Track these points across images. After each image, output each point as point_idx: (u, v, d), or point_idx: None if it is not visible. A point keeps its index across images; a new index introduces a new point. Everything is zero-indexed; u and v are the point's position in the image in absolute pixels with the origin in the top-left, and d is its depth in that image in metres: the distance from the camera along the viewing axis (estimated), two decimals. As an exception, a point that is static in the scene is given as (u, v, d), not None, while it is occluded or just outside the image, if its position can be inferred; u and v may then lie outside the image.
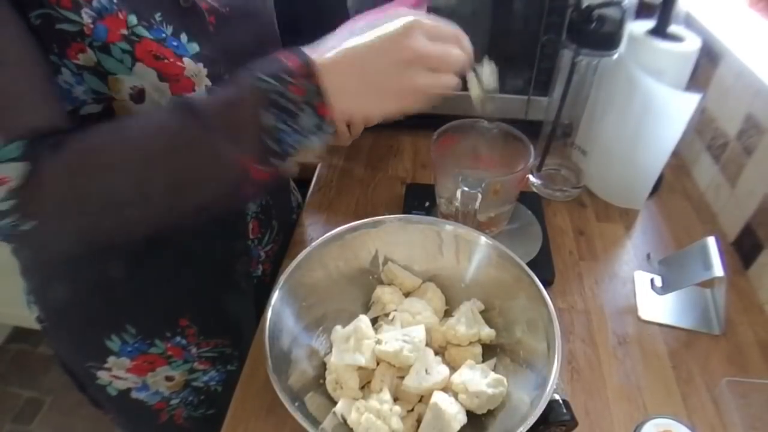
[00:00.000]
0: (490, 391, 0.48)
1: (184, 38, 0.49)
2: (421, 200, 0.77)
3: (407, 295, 0.59)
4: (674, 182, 0.85)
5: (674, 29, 0.70)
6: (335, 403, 0.49)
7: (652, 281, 0.66)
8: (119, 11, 0.44)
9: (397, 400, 0.50)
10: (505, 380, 0.49)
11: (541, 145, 0.79)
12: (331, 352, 0.52)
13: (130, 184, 0.43)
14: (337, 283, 0.57)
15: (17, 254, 0.61)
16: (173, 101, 0.46)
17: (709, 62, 0.81)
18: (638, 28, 0.71)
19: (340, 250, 0.57)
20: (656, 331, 0.63)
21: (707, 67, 0.82)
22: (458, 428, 0.47)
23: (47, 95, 0.42)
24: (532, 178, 0.83)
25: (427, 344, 0.52)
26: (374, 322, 0.56)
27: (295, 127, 0.44)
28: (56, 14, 0.41)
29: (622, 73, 0.71)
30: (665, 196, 0.83)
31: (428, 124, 0.68)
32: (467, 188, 0.58)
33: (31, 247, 0.44)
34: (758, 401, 0.55)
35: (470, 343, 0.54)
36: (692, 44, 0.69)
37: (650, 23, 0.70)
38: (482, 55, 0.54)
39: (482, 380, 0.49)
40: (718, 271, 0.59)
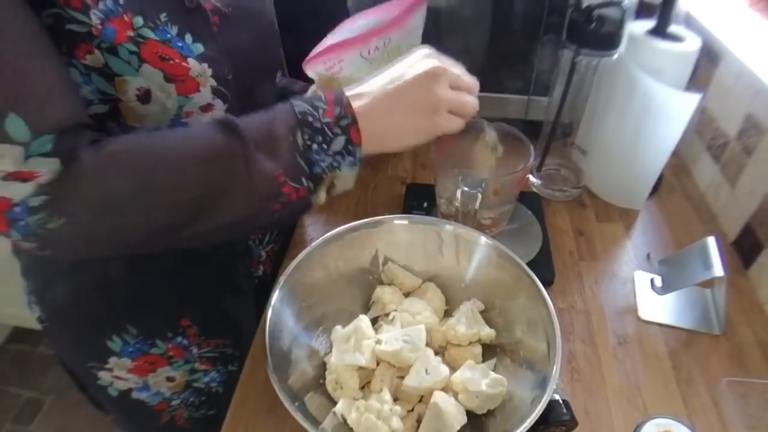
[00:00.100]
0: (490, 391, 0.48)
1: (188, 39, 0.49)
2: (421, 200, 0.78)
3: (407, 295, 0.59)
4: (674, 182, 0.85)
5: (674, 29, 0.70)
6: (335, 403, 0.49)
7: (652, 281, 0.66)
8: (124, 13, 0.44)
9: (397, 400, 0.50)
10: (505, 380, 0.49)
11: (541, 145, 0.79)
12: (331, 352, 0.52)
13: (163, 189, 0.44)
14: (337, 283, 0.57)
15: (18, 254, 0.61)
16: (213, 119, 0.48)
17: (709, 62, 0.81)
18: (638, 28, 0.71)
19: (340, 250, 0.57)
20: (656, 331, 0.63)
21: (707, 67, 0.82)
22: (458, 428, 0.47)
23: (71, 90, 0.43)
24: (532, 178, 0.83)
25: (427, 344, 0.52)
26: (374, 322, 0.56)
27: (326, 148, 0.48)
28: (66, 15, 0.41)
29: (622, 73, 0.71)
30: (665, 196, 0.83)
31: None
32: (467, 188, 0.58)
33: (51, 246, 0.44)
34: (758, 401, 0.55)
35: (470, 343, 0.54)
36: (692, 44, 0.69)
37: (650, 23, 0.70)
38: (482, 54, 0.55)
39: (482, 380, 0.49)
40: (718, 271, 0.59)
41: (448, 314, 0.58)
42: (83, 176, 0.41)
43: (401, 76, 0.50)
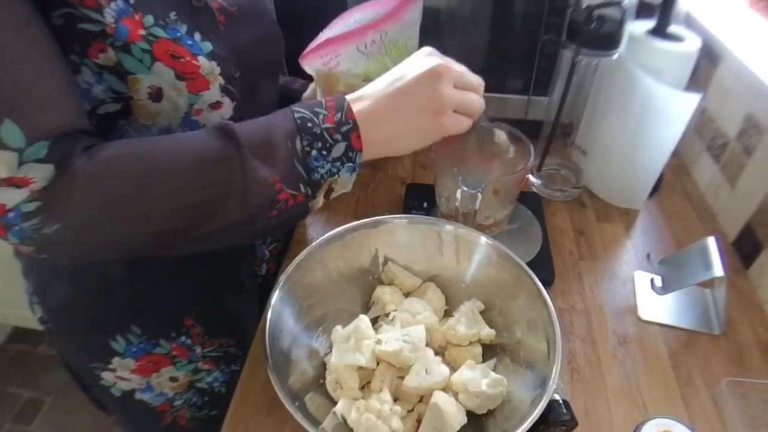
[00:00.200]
0: (490, 391, 0.48)
1: (197, 37, 0.49)
2: (421, 200, 0.77)
3: (407, 295, 0.59)
4: (674, 182, 0.85)
5: (674, 29, 0.70)
6: (335, 403, 0.49)
7: (652, 281, 0.66)
8: (135, 13, 0.44)
9: (397, 400, 0.50)
10: (505, 380, 0.49)
11: (541, 145, 0.79)
12: (331, 352, 0.52)
13: (157, 195, 0.43)
14: (337, 283, 0.57)
15: (19, 256, 0.61)
16: (211, 125, 0.47)
17: (709, 62, 0.81)
18: (638, 28, 0.71)
19: (340, 250, 0.57)
20: (656, 331, 0.63)
21: (707, 67, 0.82)
22: (458, 428, 0.47)
23: (70, 95, 0.42)
24: (532, 178, 0.83)
25: (427, 344, 0.52)
26: (374, 322, 0.56)
27: (326, 155, 0.47)
28: (78, 14, 0.41)
29: (622, 73, 0.71)
30: (665, 196, 0.83)
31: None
32: (467, 188, 0.58)
33: (47, 250, 0.44)
34: (758, 401, 0.55)
35: (470, 343, 0.54)
36: (692, 44, 0.69)
37: (650, 23, 0.70)
38: (482, 54, 0.55)
39: (482, 380, 0.49)
40: (718, 271, 0.59)
41: (448, 314, 0.58)
42: (77, 182, 0.40)
43: (402, 76, 0.49)
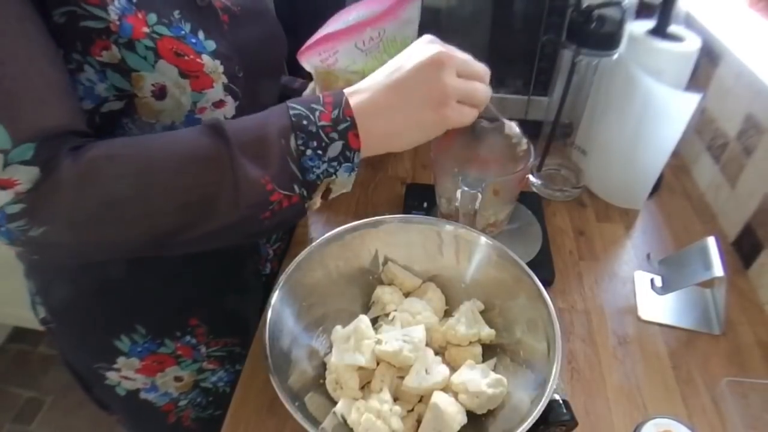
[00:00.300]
0: (490, 391, 0.48)
1: (201, 36, 0.49)
2: (421, 200, 0.77)
3: (407, 295, 0.59)
4: (674, 182, 0.85)
5: (674, 29, 0.70)
6: (335, 403, 0.49)
7: (652, 281, 0.66)
8: (138, 12, 0.44)
9: (397, 400, 0.50)
10: (505, 380, 0.49)
11: (541, 145, 0.79)
12: (331, 352, 0.52)
13: (147, 195, 0.42)
14: (337, 283, 0.57)
15: (20, 256, 0.61)
16: (202, 123, 0.46)
17: (709, 62, 0.81)
18: (638, 28, 0.71)
19: (340, 250, 0.57)
20: (656, 331, 0.63)
21: (707, 67, 0.82)
22: (458, 428, 0.47)
23: (62, 96, 0.41)
24: (532, 178, 0.83)
25: (427, 344, 0.52)
26: (374, 322, 0.56)
27: (321, 154, 0.44)
28: (82, 11, 0.41)
29: (622, 73, 0.71)
30: (665, 196, 0.83)
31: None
32: (467, 188, 0.58)
33: (37, 251, 0.44)
34: (758, 401, 0.55)
35: (470, 343, 0.54)
36: (692, 44, 0.69)
37: (650, 23, 0.70)
38: (482, 54, 0.55)
39: (482, 380, 0.49)
40: (718, 271, 0.59)
41: (448, 314, 0.58)
42: (62, 185, 0.39)
43: (402, 66, 0.46)
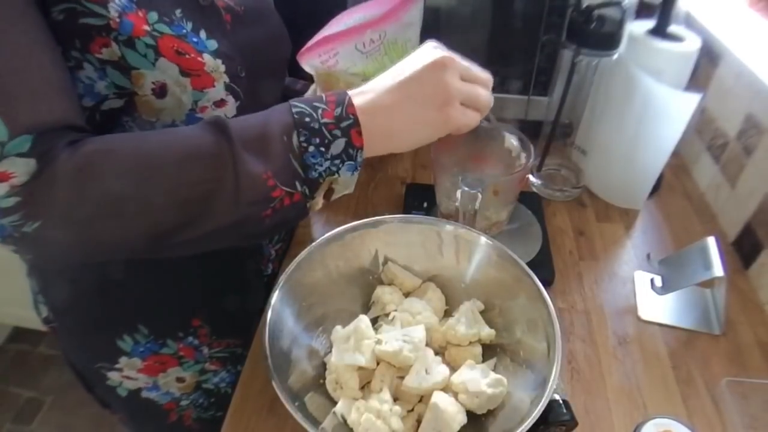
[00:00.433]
0: (490, 391, 0.48)
1: (203, 35, 0.49)
2: (421, 200, 0.77)
3: (407, 295, 0.59)
4: (674, 182, 0.85)
5: (674, 29, 0.70)
6: (335, 403, 0.49)
7: (652, 281, 0.66)
8: (138, 10, 0.44)
9: (397, 400, 0.50)
10: (505, 380, 0.49)
11: (541, 145, 0.79)
12: (331, 352, 0.52)
13: (145, 191, 0.41)
14: (337, 283, 0.57)
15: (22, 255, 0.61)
16: (203, 120, 0.45)
17: (709, 62, 0.81)
18: (638, 28, 0.71)
19: (340, 250, 0.57)
20: (656, 331, 0.63)
21: (707, 67, 0.82)
22: (458, 428, 0.47)
23: (61, 91, 0.41)
24: (532, 178, 0.83)
25: (427, 344, 0.52)
26: (374, 322, 0.56)
27: (324, 151, 0.44)
28: (81, 8, 0.41)
29: (622, 73, 0.71)
30: (665, 196, 0.83)
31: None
32: (467, 188, 0.58)
33: (30, 250, 0.43)
34: (758, 401, 0.55)
35: (470, 343, 0.54)
36: (692, 44, 0.69)
37: (650, 23, 0.70)
38: (482, 54, 0.55)
39: (482, 380, 0.49)
40: (718, 271, 0.59)
41: (448, 314, 0.58)
42: (58, 178, 0.39)
43: (405, 68, 0.47)
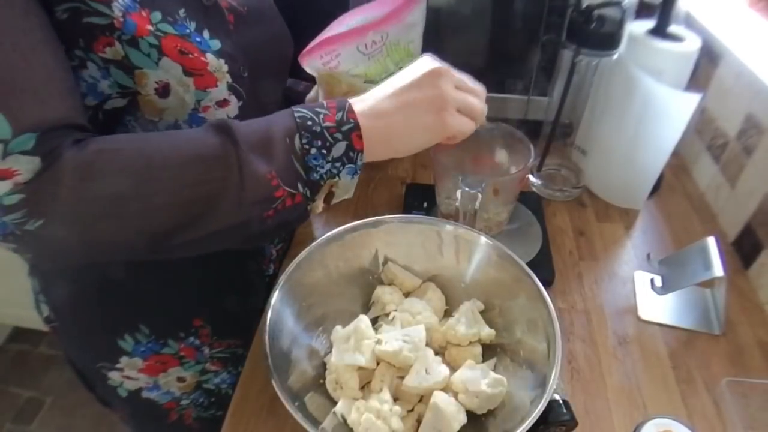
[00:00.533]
0: (490, 391, 0.48)
1: (206, 35, 0.49)
2: (421, 200, 0.78)
3: (407, 295, 0.59)
4: (674, 182, 0.85)
5: (674, 29, 0.70)
6: (335, 403, 0.49)
7: (652, 281, 0.66)
8: (141, 10, 0.44)
9: (397, 400, 0.50)
10: (505, 380, 0.49)
11: (541, 145, 0.79)
12: (331, 352, 0.52)
13: (149, 191, 0.41)
14: (337, 283, 0.57)
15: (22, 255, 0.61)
16: (207, 122, 0.46)
17: (709, 62, 0.81)
18: (638, 28, 0.71)
19: (340, 250, 0.57)
20: (656, 331, 0.63)
21: (707, 67, 0.82)
22: (458, 428, 0.47)
23: (64, 89, 0.41)
24: (532, 178, 0.83)
25: (427, 344, 0.52)
26: (374, 322, 0.56)
27: (326, 154, 0.46)
28: (85, 8, 0.41)
29: (622, 73, 0.71)
30: (665, 196, 0.83)
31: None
32: (467, 188, 0.58)
33: (30, 249, 0.43)
34: (758, 401, 0.55)
35: (470, 343, 0.54)
36: (692, 44, 0.69)
37: (650, 23, 0.71)
38: (482, 54, 0.55)
39: (482, 380, 0.49)
40: (718, 271, 0.59)
41: (448, 314, 0.58)
42: (62, 177, 0.39)
43: (403, 78, 0.49)
